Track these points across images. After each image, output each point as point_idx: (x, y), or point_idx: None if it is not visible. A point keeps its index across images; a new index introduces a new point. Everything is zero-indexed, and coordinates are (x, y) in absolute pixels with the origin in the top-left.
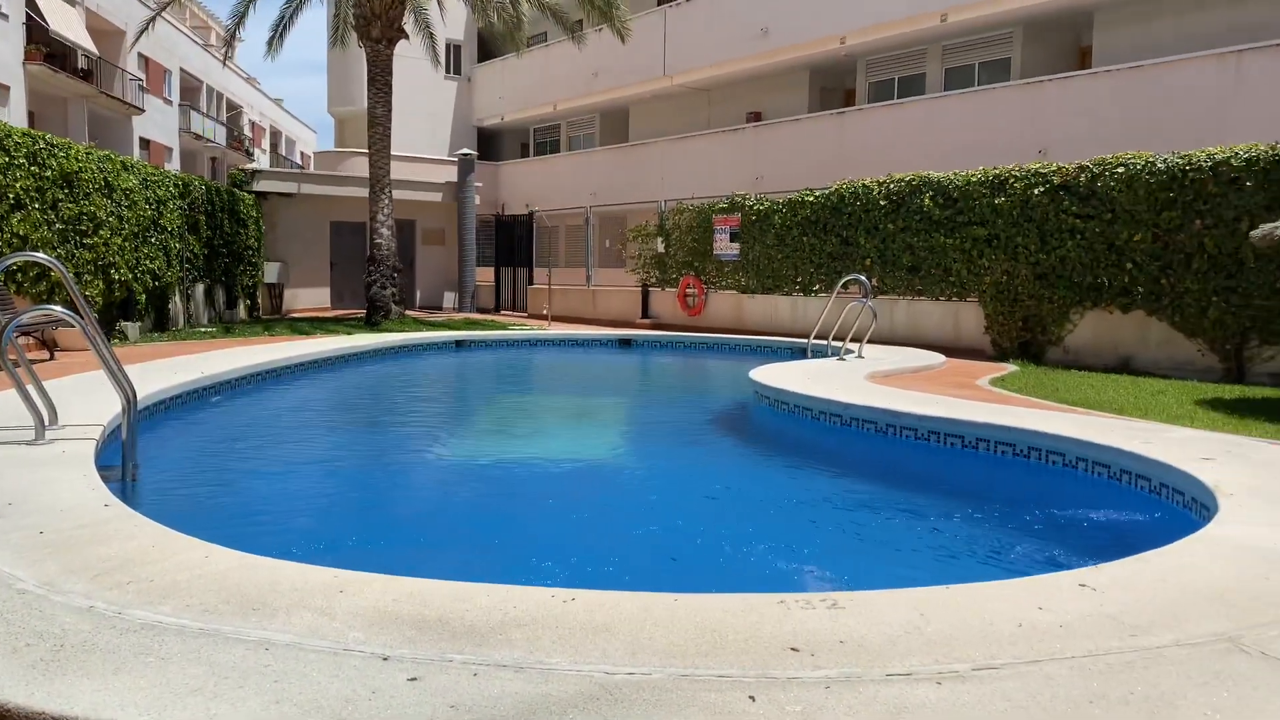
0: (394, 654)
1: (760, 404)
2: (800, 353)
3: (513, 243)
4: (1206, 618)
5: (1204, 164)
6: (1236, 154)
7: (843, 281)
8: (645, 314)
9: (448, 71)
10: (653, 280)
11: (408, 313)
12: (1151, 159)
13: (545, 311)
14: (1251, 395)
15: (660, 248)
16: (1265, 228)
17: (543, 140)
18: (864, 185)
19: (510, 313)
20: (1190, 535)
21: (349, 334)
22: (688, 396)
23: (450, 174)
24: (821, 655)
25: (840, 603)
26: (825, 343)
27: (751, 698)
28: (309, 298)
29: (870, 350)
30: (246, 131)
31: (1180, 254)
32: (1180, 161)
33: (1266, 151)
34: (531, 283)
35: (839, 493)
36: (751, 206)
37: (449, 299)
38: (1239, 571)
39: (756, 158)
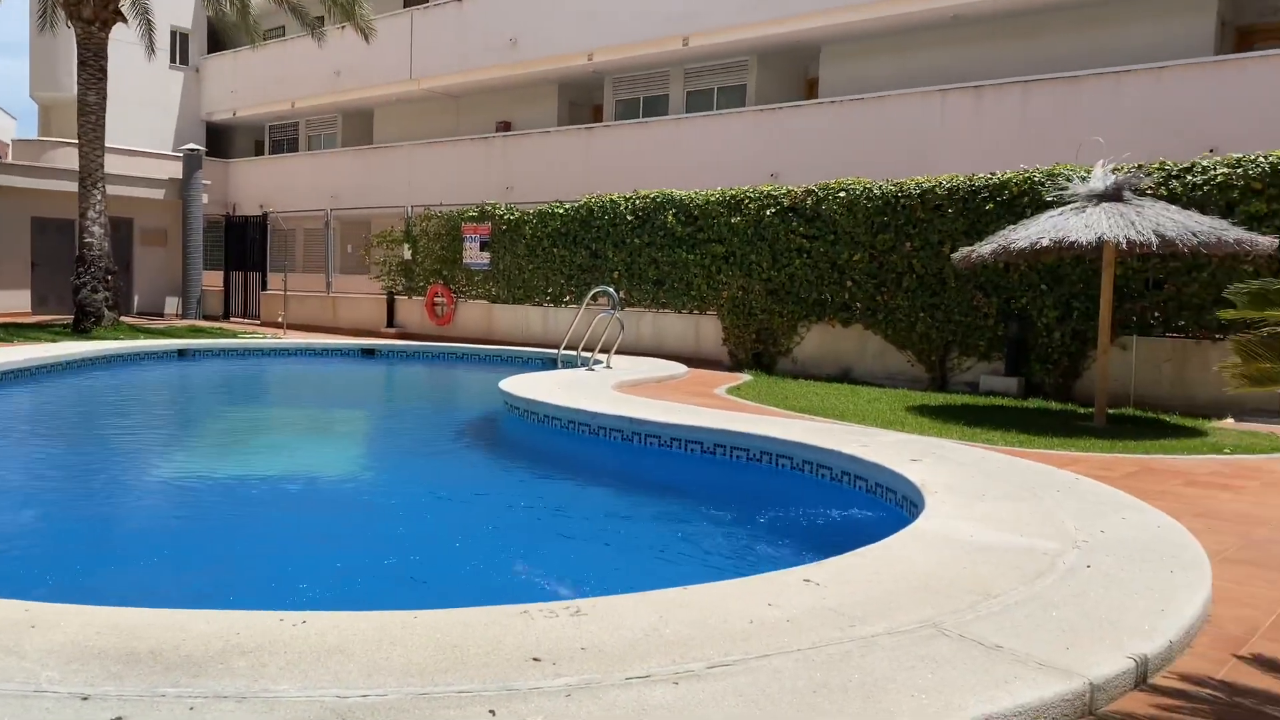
0: (95, 692)
1: (510, 414)
2: (551, 363)
3: (245, 245)
4: (915, 605)
5: (913, 191)
6: (940, 183)
7: (592, 293)
8: (391, 323)
9: (174, 61)
10: (399, 288)
11: (123, 319)
12: (869, 185)
13: (281, 319)
14: (952, 402)
15: (407, 254)
16: (963, 250)
17: (280, 139)
18: (612, 200)
19: (242, 320)
20: (901, 530)
21: (53, 340)
22: (435, 408)
23: (175, 170)
24: (563, 663)
25: (583, 610)
26: (575, 353)
27: (492, 712)
28: (6, 301)
29: (618, 360)
30: None
31: (893, 273)
32: (893, 189)
33: (964, 182)
34: (266, 288)
35: (587, 500)
36: (502, 216)
37: (172, 304)
38: (941, 562)
39: (507, 167)
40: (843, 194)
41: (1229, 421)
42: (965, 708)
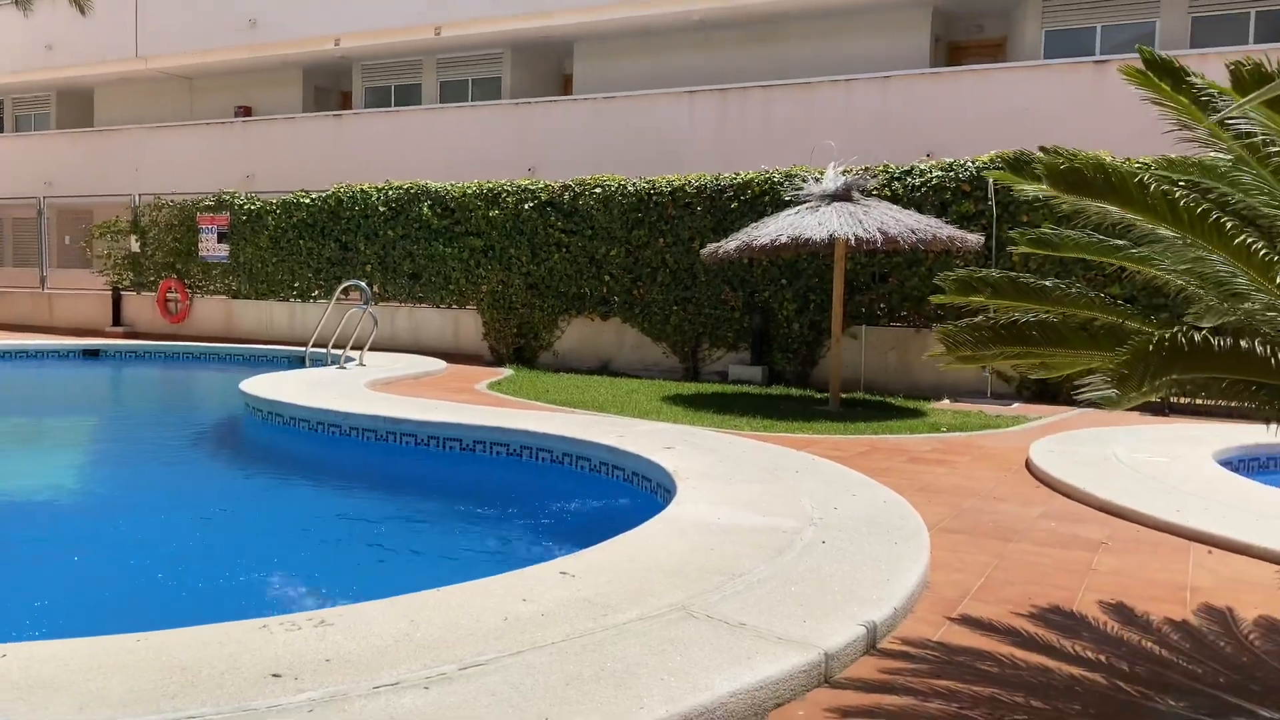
0: None
1: (252, 417)
2: (299, 362)
3: None
4: (666, 590)
5: (665, 189)
6: (690, 182)
7: (342, 287)
8: (117, 321)
9: None
10: (126, 283)
11: None
12: (624, 182)
13: None
14: (704, 391)
15: (135, 247)
16: (711, 246)
17: None
18: (363, 190)
19: None
20: (655, 516)
21: None
22: (168, 413)
23: None
24: (306, 678)
25: (329, 620)
26: (325, 351)
27: None
28: None
29: (372, 358)
30: None
31: (648, 268)
32: (646, 186)
33: (712, 181)
34: None
35: (340, 505)
36: (242, 206)
37: None
38: (691, 545)
39: (248, 154)
40: (599, 190)
41: (945, 402)
42: (711, 686)
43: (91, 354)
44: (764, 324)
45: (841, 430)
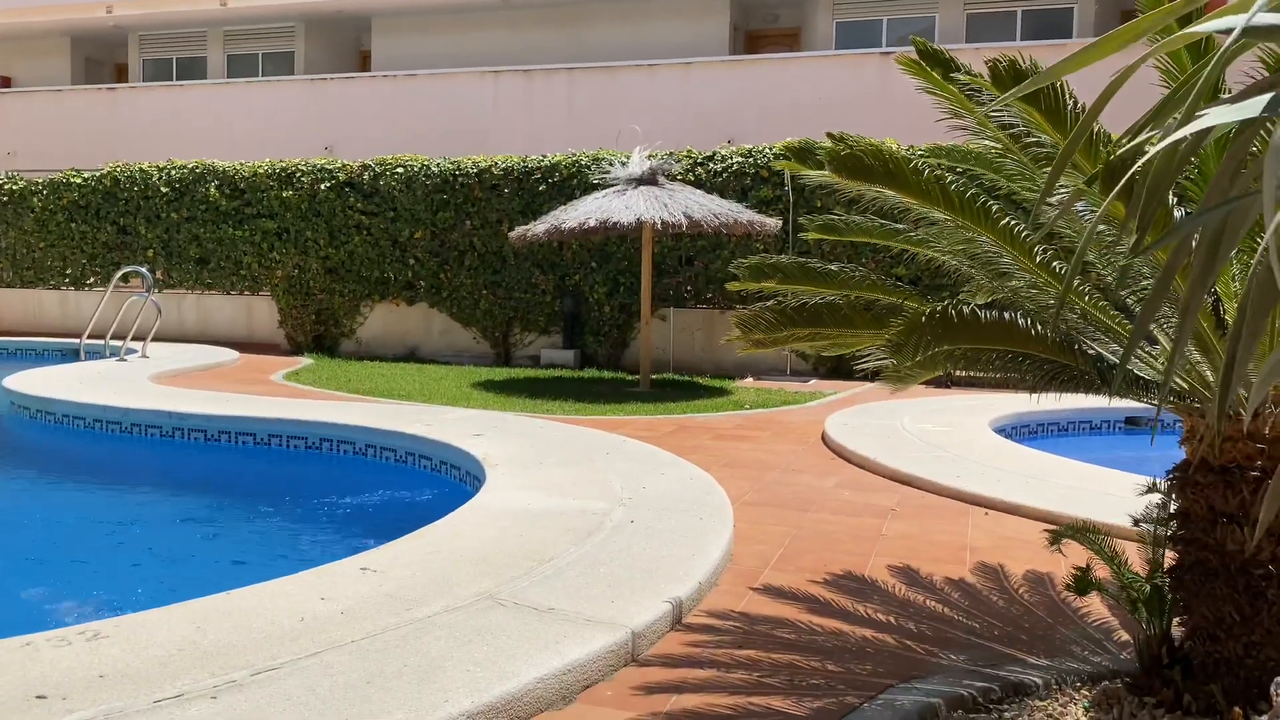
0: None
1: (19, 415)
2: (72, 355)
3: None
4: (473, 579)
5: (471, 170)
6: (496, 164)
7: (121, 274)
8: None
9: None
10: None
11: None
12: (427, 162)
13: None
14: (516, 376)
15: None
16: (520, 229)
17: None
18: (142, 170)
19: None
20: (463, 505)
21: None
22: None
23: None
24: (76, 696)
25: (104, 632)
26: (102, 343)
27: None
28: None
29: (156, 349)
30: None
31: (455, 251)
32: (451, 167)
33: (519, 163)
34: None
35: (121, 508)
36: (2, 186)
37: None
38: (500, 532)
39: (7, 130)
40: (401, 170)
41: (749, 380)
42: (518, 674)
43: None
44: (575, 307)
45: (652, 411)
